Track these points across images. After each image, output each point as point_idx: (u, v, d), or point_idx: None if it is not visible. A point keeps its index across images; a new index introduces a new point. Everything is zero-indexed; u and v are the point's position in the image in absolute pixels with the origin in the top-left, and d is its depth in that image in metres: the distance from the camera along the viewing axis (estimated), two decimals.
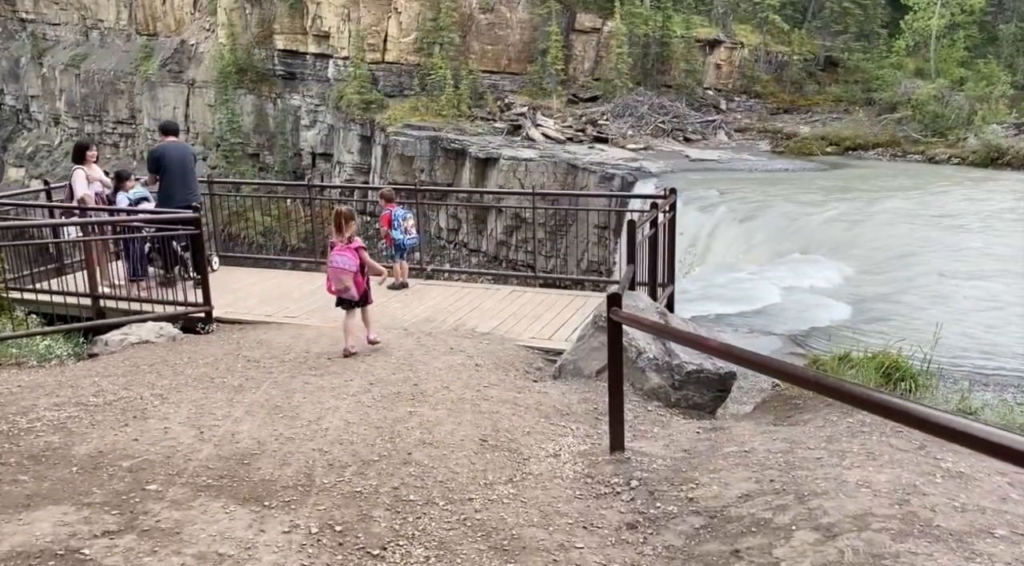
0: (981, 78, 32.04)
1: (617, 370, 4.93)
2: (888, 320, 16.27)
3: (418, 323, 9.07)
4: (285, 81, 39.53)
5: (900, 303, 17.07)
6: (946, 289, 17.66)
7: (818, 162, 31.28)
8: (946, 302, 16.87)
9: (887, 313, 16.51)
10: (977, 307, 16.48)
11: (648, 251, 8.30)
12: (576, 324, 8.84)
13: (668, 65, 36.04)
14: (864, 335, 15.25)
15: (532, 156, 29.81)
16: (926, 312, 16.53)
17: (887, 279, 18.81)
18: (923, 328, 15.71)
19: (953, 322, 15.89)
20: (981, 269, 18.69)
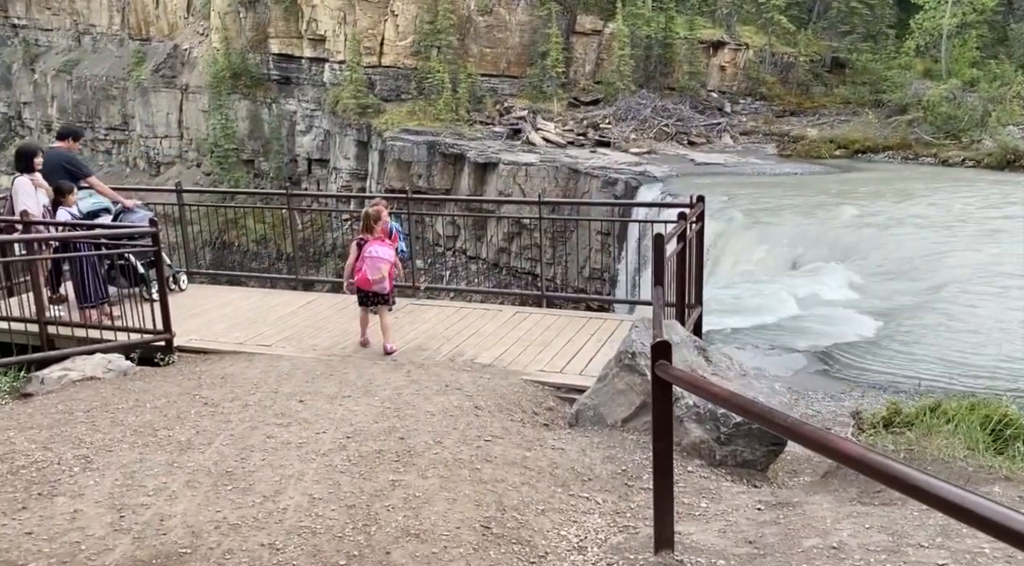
0: (994, 78, 30.78)
1: (666, 445, 3.63)
2: (920, 336, 14.97)
3: (409, 352, 7.77)
4: (280, 86, 38.28)
5: (929, 317, 15.77)
6: (975, 302, 16.37)
7: (827, 165, 30.04)
8: (978, 318, 15.57)
9: (917, 329, 15.21)
10: (1012, 319, 15.20)
11: (676, 268, 7.02)
12: (590, 353, 7.55)
13: (671, 67, 34.79)
14: (898, 356, 13.97)
15: (532, 160, 28.56)
16: (959, 329, 15.25)
17: (911, 289, 17.52)
18: (959, 348, 14.49)
19: (991, 342, 14.65)
20: (1009, 280, 17.40)
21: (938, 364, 13.71)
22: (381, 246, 7.69)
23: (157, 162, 40.60)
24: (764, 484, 5.27)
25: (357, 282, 7.76)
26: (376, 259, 7.62)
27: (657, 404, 3.60)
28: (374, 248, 7.66)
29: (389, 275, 7.75)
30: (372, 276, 7.63)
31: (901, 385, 12.85)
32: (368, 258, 7.65)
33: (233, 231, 34.53)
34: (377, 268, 7.61)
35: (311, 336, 8.32)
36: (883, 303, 16.72)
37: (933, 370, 13.50)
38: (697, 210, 7.79)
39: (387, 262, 7.67)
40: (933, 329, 15.32)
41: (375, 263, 7.61)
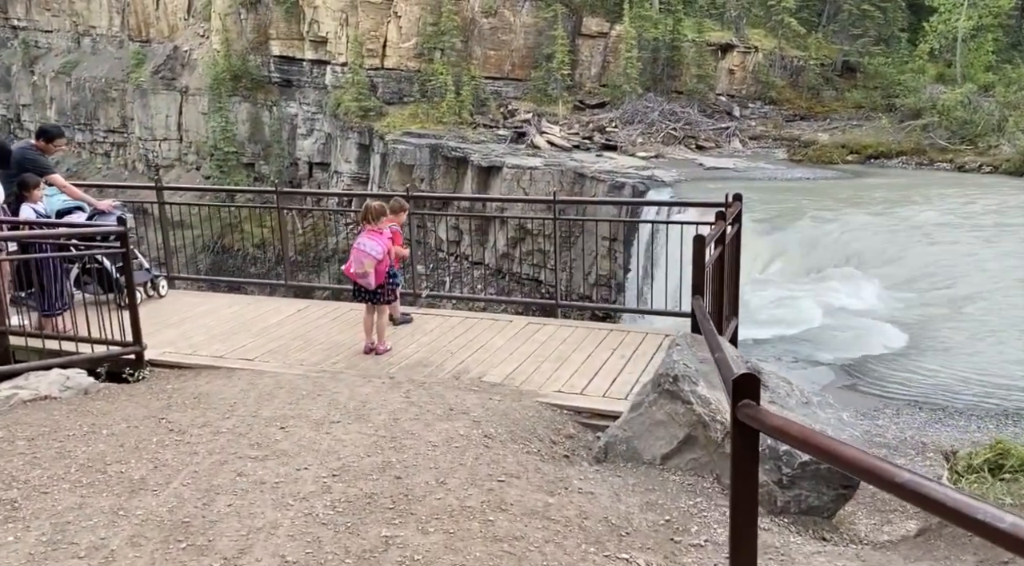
0: (1010, 83, 29.86)
1: (747, 519, 2.69)
2: (949, 347, 14.03)
3: (409, 369, 6.84)
4: (281, 88, 37.42)
5: (958, 328, 14.83)
6: (1003, 312, 15.43)
7: (839, 171, 29.11)
8: (1008, 329, 14.63)
9: (946, 340, 14.27)
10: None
11: (714, 275, 6.09)
12: (613, 371, 6.61)
13: (679, 70, 33.89)
14: (928, 369, 13.04)
15: (537, 164, 27.65)
16: (989, 339, 14.32)
17: (936, 298, 16.57)
18: (992, 359, 13.55)
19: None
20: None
21: (972, 377, 12.80)
22: (369, 239, 7.11)
23: (156, 165, 39.69)
24: (835, 537, 4.33)
25: (346, 271, 7.33)
26: (360, 252, 7.09)
27: (739, 460, 2.66)
28: (362, 240, 7.15)
29: (377, 272, 7.11)
30: (355, 269, 7.11)
31: (932, 400, 11.95)
32: (355, 249, 7.18)
33: (233, 235, 33.63)
34: (360, 262, 7.06)
35: (299, 349, 7.40)
36: (908, 312, 15.78)
37: (967, 384, 12.60)
38: (735, 210, 6.86)
39: (371, 258, 7.05)
40: (962, 340, 14.40)
41: (358, 256, 7.09)
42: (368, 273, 7.08)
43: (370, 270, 7.08)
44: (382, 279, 7.22)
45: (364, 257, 7.05)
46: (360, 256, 7.06)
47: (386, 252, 7.16)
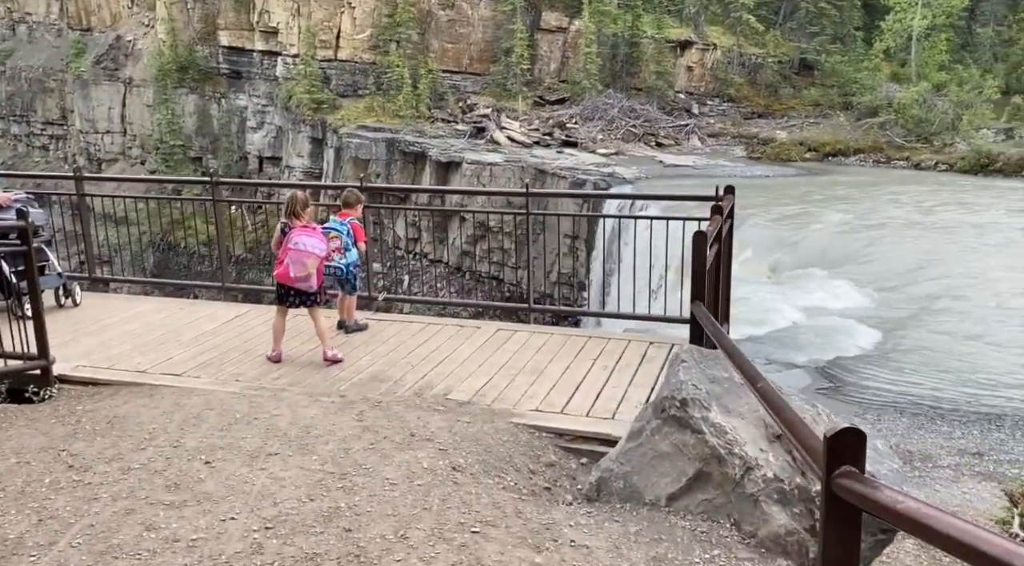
0: (961, 82, 29.96)
1: None
2: (922, 347, 13.57)
3: (362, 385, 5.93)
4: (230, 80, 35.88)
5: (929, 327, 14.39)
6: (973, 310, 15.06)
7: (798, 168, 28.88)
8: (978, 327, 14.26)
9: (918, 339, 13.80)
10: (1019, 333, 13.90)
11: (710, 276, 5.31)
12: (596, 384, 5.79)
13: (638, 67, 33.33)
14: (904, 370, 12.53)
15: (497, 160, 26.80)
16: (960, 338, 13.90)
17: (904, 298, 16.16)
18: (964, 358, 13.12)
19: (995, 351, 13.35)
20: (1003, 286, 16.16)
21: (950, 379, 12.32)
22: (309, 236, 6.26)
23: (98, 159, 37.81)
24: None
25: (277, 276, 6.36)
26: (302, 252, 6.21)
27: (833, 547, 1.83)
28: (300, 239, 6.24)
29: (318, 272, 6.34)
30: (296, 273, 6.23)
31: (913, 404, 11.42)
32: (292, 250, 6.23)
33: (176, 232, 32.10)
34: (302, 264, 6.21)
35: (236, 361, 6.42)
36: (878, 312, 15.32)
37: (946, 386, 12.10)
38: (728, 204, 6.10)
39: (315, 256, 6.26)
40: (936, 340, 13.96)
41: (300, 257, 6.22)
42: (311, 275, 6.28)
43: (313, 271, 6.27)
44: (322, 279, 6.46)
45: (307, 257, 6.20)
46: (301, 257, 6.20)
47: (328, 251, 6.44)
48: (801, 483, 3.57)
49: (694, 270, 4.63)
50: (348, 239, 6.72)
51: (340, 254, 6.68)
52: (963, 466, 8.45)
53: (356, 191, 6.97)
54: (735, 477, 3.65)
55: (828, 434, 1.84)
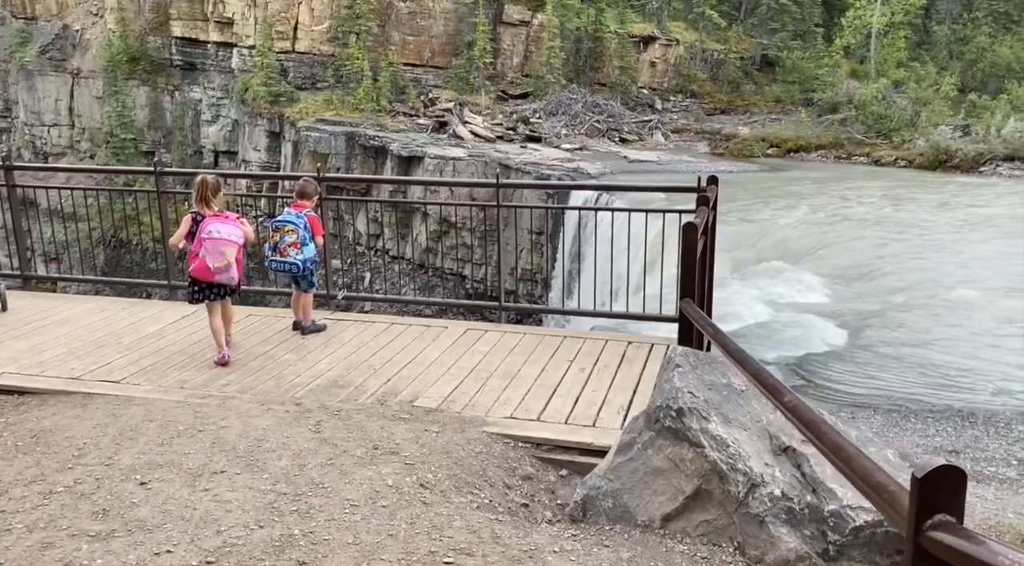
0: (918, 80, 30.27)
1: None
2: (889, 343, 13.44)
3: (320, 391, 5.43)
4: (184, 72, 34.76)
5: (895, 323, 14.28)
6: (936, 306, 15.02)
7: (760, 164, 28.90)
8: (943, 323, 14.21)
9: (886, 337, 13.67)
10: (984, 328, 13.88)
11: (699, 270, 4.94)
12: (573, 388, 5.38)
13: (601, 62, 33.09)
14: (871, 367, 12.35)
15: (460, 155, 26.28)
16: (926, 334, 13.83)
17: (868, 292, 16.09)
18: (930, 355, 13.03)
19: (961, 347, 13.29)
20: (968, 282, 16.18)
21: (920, 375, 12.20)
22: (224, 224, 5.82)
23: (45, 153, 36.37)
24: None
25: (194, 272, 5.88)
26: (218, 241, 5.75)
27: None
28: (215, 227, 5.77)
29: (237, 261, 5.89)
30: (215, 263, 5.76)
31: (885, 401, 11.25)
32: (207, 239, 5.75)
33: (130, 228, 30.96)
34: (221, 253, 5.76)
35: (180, 366, 5.87)
36: (846, 307, 15.20)
37: (912, 381, 11.97)
38: (712, 195, 5.73)
39: (233, 244, 5.82)
40: (901, 335, 13.86)
41: (217, 246, 5.76)
42: (231, 264, 5.82)
43: (232, 260, 5.82)
44: (242, 270, 6.04)
45: (224, 246, 5.75)
46: (219, 246, 5.74)
47: (244, 238, 5.95)
48: (812, 502, 3.19)
49: (683, 265, 4.25)
50: (305, 233, 6.20)
51: (297, 249, 6.17)
52: None
53: (312, 181, 6.46)
54: (738, 495, 3.26)
55: (919, 474, 1.44)
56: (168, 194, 7.77)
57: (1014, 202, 21.27)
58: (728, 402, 3.48)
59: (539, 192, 24.09)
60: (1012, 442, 9.54)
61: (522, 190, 24.13)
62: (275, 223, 6.23)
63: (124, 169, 26.10)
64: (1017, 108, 27.00)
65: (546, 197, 21.96)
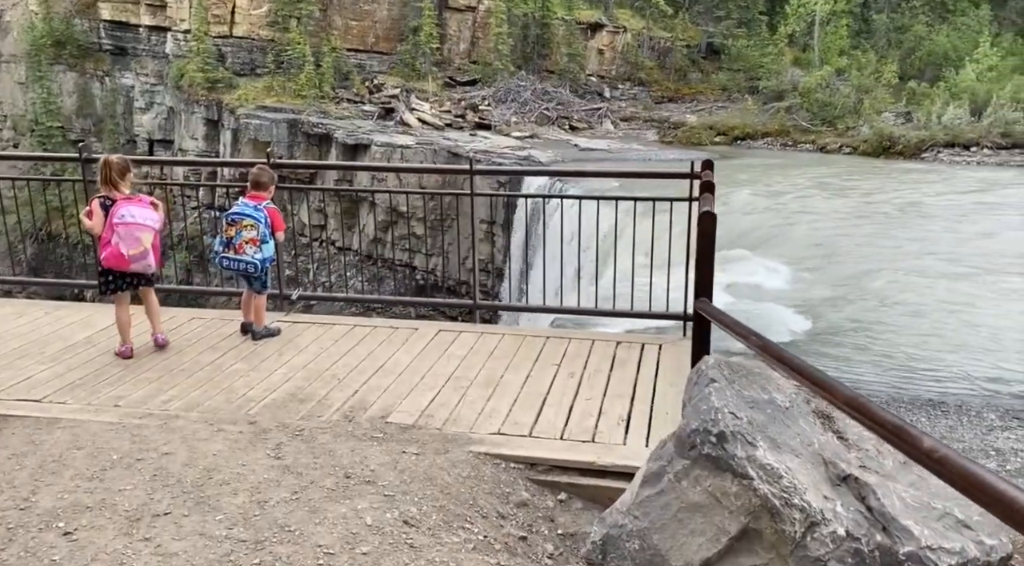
0: (860, 67, 30.57)
1: None
2: (851, 332, 13.30)
3: (277, 407, 4.74)
4: (114, 57, 32.95)
5: (856, 311, 14.15)
6: (899, 294, 14.96)
7: (709, 152, 28.75)
8: (906, 312, 14.13)
9: (849, 325, 13.51)
10: (944, 317, 13.83)
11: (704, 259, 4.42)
12: (565, 397, 4.81)
13: (549, 49, 32.54)
14: (836, 356, 12.14)
15: (409, 143, 25.45)
16: (889, 323, 13.73)
17: (828, 279, 15.94)
18: (894, 343, 12.91)
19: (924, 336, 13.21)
20: (928, 269, 16.19)
21: (886, 362, 12.04)
22: (139, 207, 5.28)
23: None
24: None
25: (105, 261, 5.30)
26: (132, 226, 5.19)
27: None
28: (128, 210, 5.22)
29: (154, 247, 5.35)
30: (131, 251, 5.21)
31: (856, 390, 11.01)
32: (120, 225, 5.18)
33: (59, 220, 29.25)
34: (136, 239, 5.21)
35: (115, 380, 5.11)
36: (807, 294, 15.01)
37: (883, 369, 11.81)
38: (707, 180, 5.22)
39: (150, 229, 5.26)
40: (867, 323, 13.73)
41: (131, 231, 5.19)
42: (147, 251, 5.28)
43: (149, 247, 5.28)
44: (159, 256, 5.49)
45: (140, 231, 5.20)
46: (133, 231, 5.18)
47: (162, 223, 5.42)
48: (883, 542, 2.69)
49: (700, 259, 3.72)
50: (266, 229, 5.50)
51: (256, 247, 5.46)
52: None
53: (268, 169, 5.74)
54: (794, 536, 2.73)
55: None
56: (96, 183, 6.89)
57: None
58: (774, 423, 2.95)
59: (490, 180, 23.47)
60: (986, 431, 9.39)
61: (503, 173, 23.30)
62: (230, 216, 5.51)
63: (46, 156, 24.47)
64: (955, 95, 27.44)
65: (497, 185, 21.35)
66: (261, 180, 5.61)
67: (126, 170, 5.37)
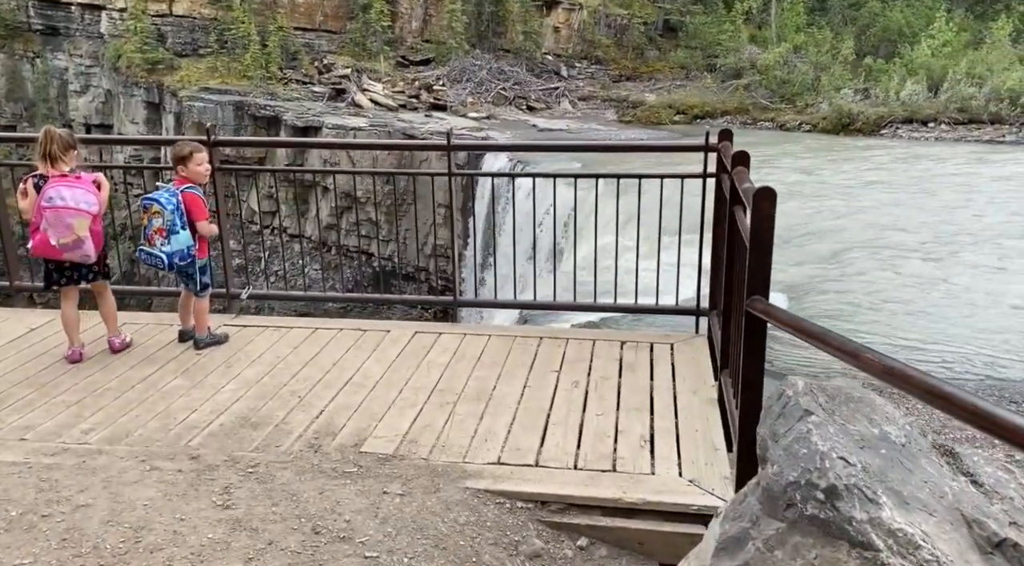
0: (819, 44, 30.29)
1: None
2: (823, 313, 12.86)
3: (225, 434, 3.86)
4: (45, 37, 30.93)
5: (828, 291, 13.71)
6: (872, 274, 14.57)
7: (669, 131, 28.28)
8: (879, 292, 13.73)
9: (820, 305, 13.07)
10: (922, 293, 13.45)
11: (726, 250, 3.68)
12: (570, 408, 4.03)
13: (504, 27, 31.52)
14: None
15: (361, 125, 24.34)
16: (862, 302, 13.31)
17: (800, 259, 15.51)
18: (867, 323, 12.50)
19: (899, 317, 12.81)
20: (898, 247, 15.83)
21: (867, 342, 11.56)
22: (70, 188, 4.43)
23: None
24: None
25: (34, 250, 4.51)
26: (61, 210, 4.37)
27: None
28: (58, 192, 4.39)
29: (94, 235, 4.53)
30: (59, 239, 4.40)
31: (845, 379, 10.51)
32: (49, 209, 4.37)
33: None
34: (67, 226, 4.40)
35: (22, 406, 4.16)
36: (782, 275, 14.53)
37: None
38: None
39: (84, 213, 4.44)
40: (842, 304, 13.29)
41: (60, 217, 4.37)
42: (82, 239, 4.47)
43: (85, 234, 4.47)
44: (101, 244, 4.67)
45: (72, 215, 4.39)
46: (63, 216, 4.38)
47: (101, 206, 4.59)
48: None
49: (754, 248, 2.96)
50: (175, 216, 4.59)
51: (163, 237, 4.56)
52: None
53: (191, 143, 4.82)
54: None
55: None
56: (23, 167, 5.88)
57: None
58: (893, 467, 2.21)
59: (442, 163, 22.52)
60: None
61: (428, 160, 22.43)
62: (144, 200, 4.62)
63: None
64: (912, 72, 27.29)
65: (457, 168, 20.43)
66: (179, 154, 4.72)
67: (70, 146, 4.54)
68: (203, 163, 4.80)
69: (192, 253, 4.71)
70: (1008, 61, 26.44)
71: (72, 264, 4.63)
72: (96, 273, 4.78)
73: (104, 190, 4.66)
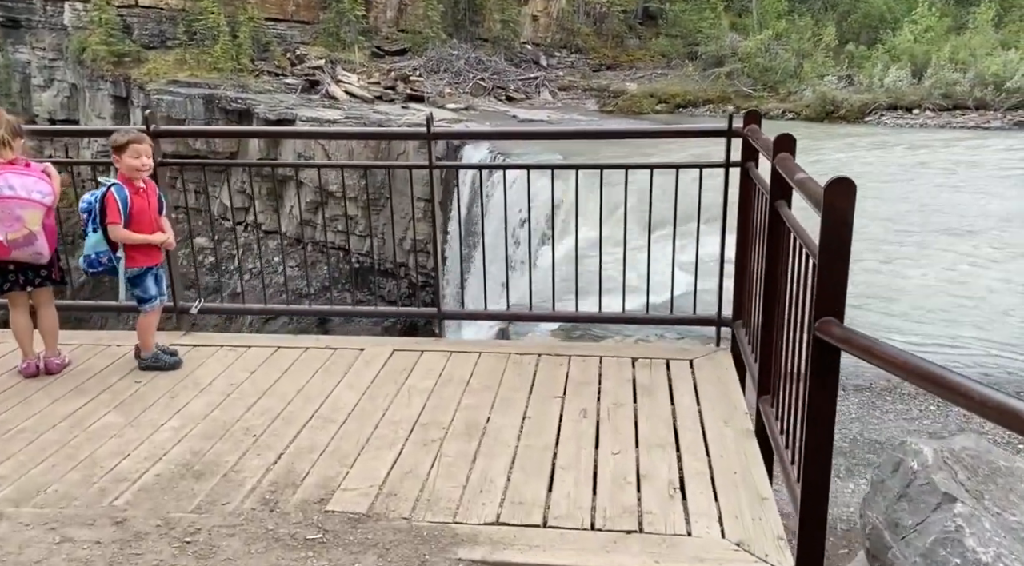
0: (800, 31, 29.77)
1: None
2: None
3: (160, 488, 3.12)
4: (6, 30, 29.71)
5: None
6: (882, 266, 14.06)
7: (652, 120, 27.66)
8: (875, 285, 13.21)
9: None
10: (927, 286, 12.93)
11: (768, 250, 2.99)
12: (582, 443, 3.35)
13: (482, 16, 30.69)
14: None
15: (336, 117, 23.51)
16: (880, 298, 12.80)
17: None
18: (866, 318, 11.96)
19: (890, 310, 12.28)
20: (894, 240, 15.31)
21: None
22: (20, 176, 3.81)
23: None
24: None
25: None
26: (12, 201, 3.75)
27: None
28: (6, 180, 3.76)
29: (47, 231, 3.90)
30: (9, 234, 3.76)
31: (847, 378, 9.92)
32: None
33: None
34: (16, 219, 3.77)
35: None
36: None
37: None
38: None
39: (38, 206, 3.81)
40: (853, 301, 12.72)
41: (9, 208, 3.75)
42: (34, 234, 3.84)
43: (37, 228, 3.84)
44: (54, 243, 4.02)
45: (21, 207, 3.77)
46: (12, 208, 3.75)
47: (55, 197, 3.94)
48: None
49: (825, 255, 2.28)
50: (87, 217, 3.95)
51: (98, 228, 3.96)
52: None
53: (130, 131, 4.11)
54: None
55: None
56: None
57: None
58: None
59: (423, 155, 21.70)
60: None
61: (406, 153, 21.59)
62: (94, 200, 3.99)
63: None
64: (894, 58, 26.83)
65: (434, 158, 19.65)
66: (116, 144, 4.00)
67: (18, 134, 3.90)
68: (141, 156, 4.04)
69: (108, 260, 3.98)
70: (991, 46, 26.03)
71: (18, 265, 3.94)
72: (46, 277, 4.07)
73: (55, 180, 3.95)
